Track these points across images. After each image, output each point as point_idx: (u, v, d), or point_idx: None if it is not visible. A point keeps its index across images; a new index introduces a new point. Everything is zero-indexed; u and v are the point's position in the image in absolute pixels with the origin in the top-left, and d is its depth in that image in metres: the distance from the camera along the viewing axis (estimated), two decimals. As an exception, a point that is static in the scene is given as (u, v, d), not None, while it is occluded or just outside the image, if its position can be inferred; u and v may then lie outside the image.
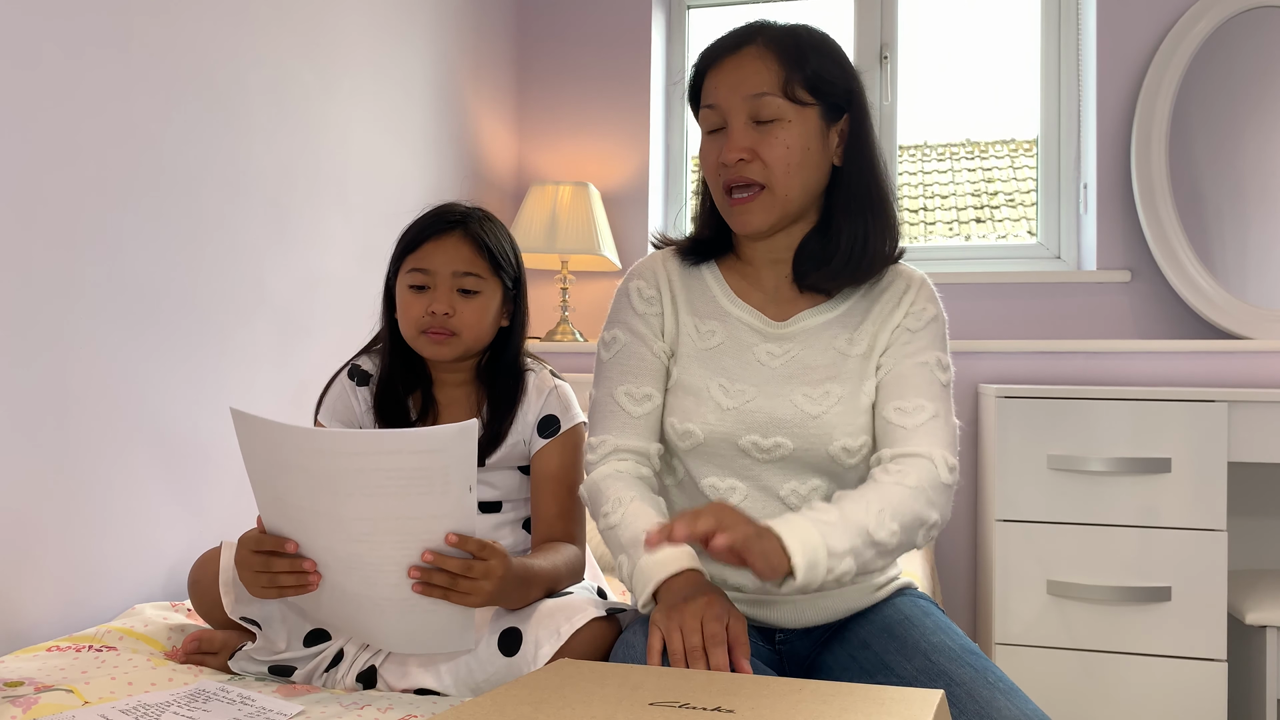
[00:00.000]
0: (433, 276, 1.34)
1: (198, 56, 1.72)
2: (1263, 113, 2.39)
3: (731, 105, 1.19)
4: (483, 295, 1.36)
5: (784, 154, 1.18)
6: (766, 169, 1.19)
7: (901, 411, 1.19)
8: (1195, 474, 1.94)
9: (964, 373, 2.48)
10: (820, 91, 1.20)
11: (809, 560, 1.02)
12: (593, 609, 1.20)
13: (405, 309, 1.36)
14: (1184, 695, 1.92)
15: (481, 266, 1.35)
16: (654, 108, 2.87)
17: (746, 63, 1.19)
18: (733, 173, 1.19)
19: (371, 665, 1.26)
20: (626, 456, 1.25)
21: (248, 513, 1.84)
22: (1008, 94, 2.83)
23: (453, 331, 1.34)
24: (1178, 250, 2.38)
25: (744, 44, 1.21)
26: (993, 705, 1.03)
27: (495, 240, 1.37)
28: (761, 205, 1.20)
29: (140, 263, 1.61)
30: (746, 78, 1.19)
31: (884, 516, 1.09)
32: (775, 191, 1.19)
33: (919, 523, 1.12)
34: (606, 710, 0.82)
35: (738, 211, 1.21)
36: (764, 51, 1.19)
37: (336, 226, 2.10)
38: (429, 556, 1.09)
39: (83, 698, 1.15)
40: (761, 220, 1.21)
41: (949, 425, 1.20)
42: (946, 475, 1.16)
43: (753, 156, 1.19)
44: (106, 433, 1.55)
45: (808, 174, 1.21)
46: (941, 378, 1.22)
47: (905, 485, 1.12)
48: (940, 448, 1.17)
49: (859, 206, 1.23)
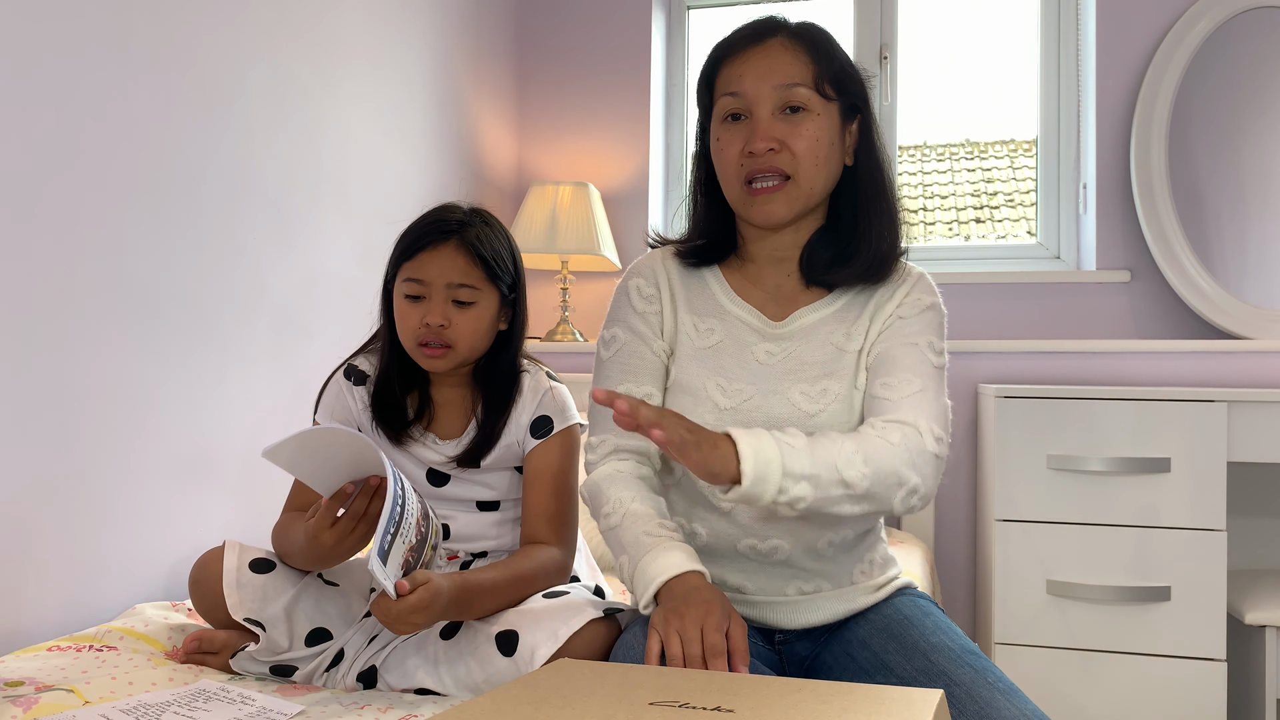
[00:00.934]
0: (427, 287, 1.33)
1: (198, 56, 1.72)
2: (1263, 113, 2.39)
3: (760, 94, 1.19)
4: (478, 306, 1.35)
5: (812, 146, 1.18)
6: (795, 159, 1.18)
7: (888, 386, 1.18)
8: (1195, 474, 1.94)
9: (964, 373, 2.49)
10: (844, 89, 1.21)
11: (759, 472, 1.01)
12: (591, 609, 1.20)
13: (401, 319, 1.36)
14: (1184, 695, 1.92)
15: (476, 277, 1.34)
16: (654, 108, 2.87)
17: (776, 53, 1.19)
18: (762, 162, 1.18)
19: (372, 665, 1.26)
20: (627, 456, 1.24)
21: (248, 513, 1.85)
22: (1008, 94, 2.83)
23: (448, 344, 1.34)
24: (1177, 250, 2.38)
25: (769, 35, 1.21)
26: (992, 706, 1.03)
27: (491, 248, 1.35)
28: (786, 196, 1.19)
29: (140, 263, 1.61)
30: (777, 67, 1.18)
31: (856, 458, 1.07)
32: (800, 183, 1.19)
33: (896, 479, 1.09)
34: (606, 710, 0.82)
35: (760, 202, 1.20)
36: (792, 43, 1.20)
37: (336, 226, 2.10)
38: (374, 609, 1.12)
39: (83, 698, 1.15)
40: (785, 211, 1.20)
41: (939, 403, 1.18)
42: (933, 444, 1.13)
43: (781, 147, 1.18)
44: (107, 432, 1.55)
45: (829, 169, 1.21)
46: (934, 360, 1.20)
47: (888, 440, 1.11)
48: (926, 418, 1.15)
49: (873, 205, 1.23)
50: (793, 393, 1.21)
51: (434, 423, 1.41)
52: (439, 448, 1.40)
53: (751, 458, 1.01)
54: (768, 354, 1.24)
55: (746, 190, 1.21)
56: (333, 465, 1.17)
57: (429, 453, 1.40)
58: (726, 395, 1.22)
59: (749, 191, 1.20)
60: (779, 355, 1.24)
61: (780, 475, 1.02)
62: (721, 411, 1.21)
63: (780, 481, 1.03)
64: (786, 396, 1.21)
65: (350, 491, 1.19)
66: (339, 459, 1.16)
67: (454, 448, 1.39)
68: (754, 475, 1.01)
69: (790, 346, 1.24)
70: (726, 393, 1.22)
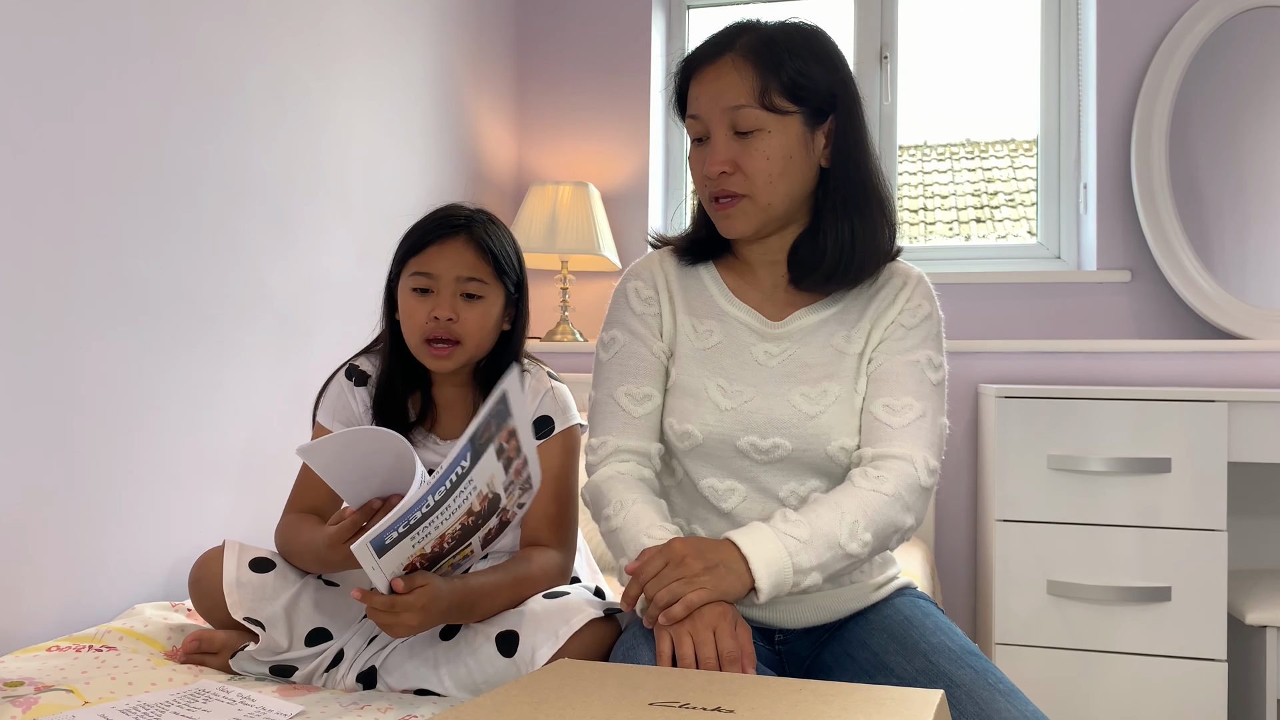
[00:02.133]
0: (436, 280, 1.34)
1: (198, 56, 1.72)
2: (1263, 113, 2.39)
3: (712, 116, 1.19)
4: (486, 300, 1.36)
5: (765, 165, 1.18)
6: (748, 180, 1.19)
7: (889, 409, 1.19)
8: (1195, 474, 1.94)
9: (964, 373, 2.48)
10: (800, 97, 1.18)
11: (774, 582, 1.07)
12: (590, 610, 1.20)
13: (408, 313, 1.35)
14: (1184, 695, 1.92)
15: (485, 271, 1.35)
16: (654, 108, 2.87)
17: (724, 74, 1.19)
18: (715, 185, 1.20)
19: (372, 666, 1.26)
20: (628, 458, 1.24)
21: (248, 513, 1.85)
22: (1008, 94, 2.83)
23: (456, 340, 1.34)
24: (1178, 250, 2.38)
25: (722, 52, 1.20)
26: (992, 706, 1.03)
27: (499, 244, 1.37)
28: (742, 211, 1.21)
29: (140, 263, 1.61)
30: (724, 90, 1.18)
31: (857, 528, 1.11)
32: (757, 200, 1.20)
33: (893, 529, 1.14)
34: (606, 710, 0.82)
35: (721, 217, 1.22)
36: (740, 61, 1.18)
37: (336, 226, 2.10)
38: (357, 594, 1.11)
39: (83, 698, 1.15)
40: (744, 226, 1.21)
41: (935, 426, 1.20)
42: (926, 478, 1.17)
43: (734, 169, 1.19)
44: (106, 433, 1.55)
45: (791, 182, 1.20)
46: (932, 377, 1.22)
47: (883, 493, 1.13)
48: (922, 449, 1.17)
49: (846, 209, 1.22)
50: (793, 394, 1.21)
51: (436, 424, 1.41)
52: (440, 448, 1.40)
53: (765, 574, 1.07)
54: (767, 354, 1.24)
55: (713, 205, 1.23)
56: (366, 473, 1.15)
57: (430, 454, 1.40)
58: (727, 396, 1.22)
59: (714, 205, 1.23)
60: (778, 356, 1.24)
61: (792, 575, 1.08)
62: (722, 412, 1.21)
63: (793, 579, 1.08)
64: (787, 398, 1.21)
65: (377, 508, 1.18)
66: (376, 467, 1.14)
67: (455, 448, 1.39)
68: (771, 587, 1.07)
69: (789, 347, 1.24)
70: (727, 394, 1.22)
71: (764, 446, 1.20)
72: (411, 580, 1.11)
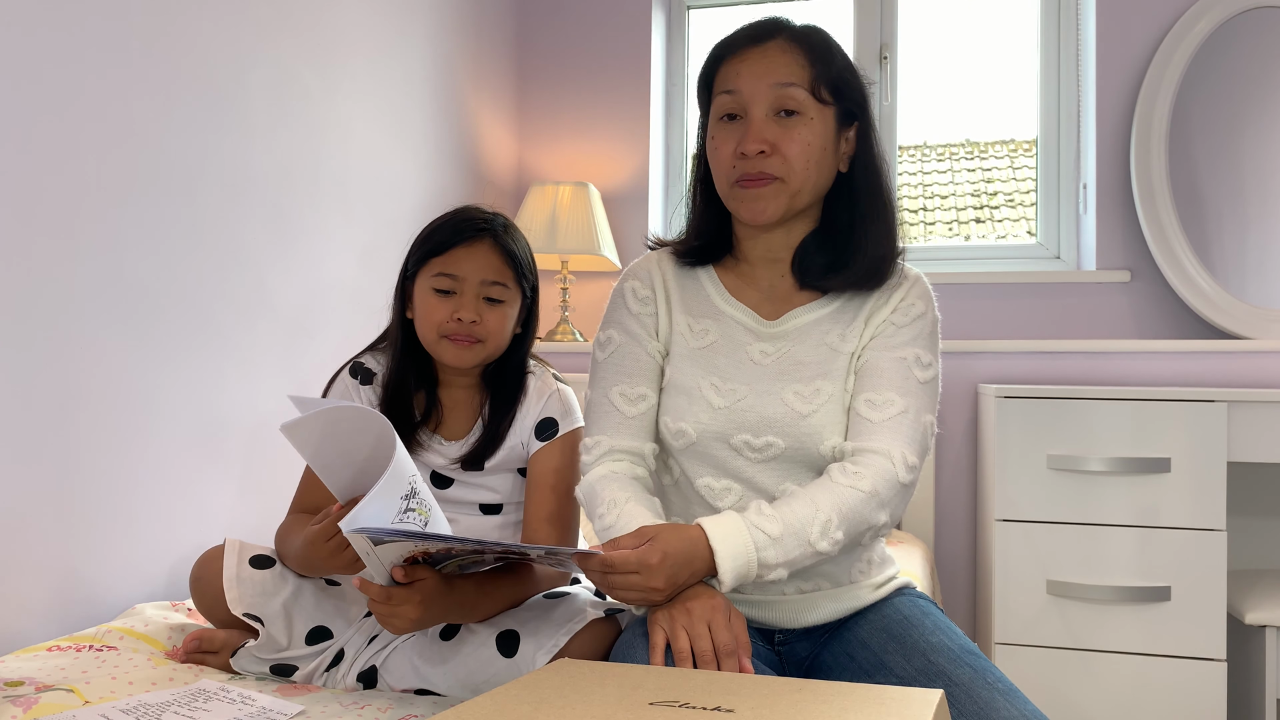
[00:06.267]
0: (461, 283, 1.34)
1: (198, 56, 1.72)
2: (1263, 113, 2.39)
3: (756, 93, 1.19)
4: (506, 304, 1.36)
5: (803, 150, 1.19)
6: (786, 163, 1.19)
7: (871, 404, 1.19)
8: (1195, 474, 1.94)
9: (964, 373, 2.49)
10: (841, 94, 1.21)
11: (738, 575, 1.07)
12: (591, 610, 1.20)
13: (428, 312, 1.35)
14: (1184, 695, 1.92)
15: (508, 276, 1.35)
16: (654, 108, 2.87)
17: (774, 54, 1.20)
18: (751, 165, 1.19)
19: (372, 665, 1.26)
20: (621, 457, 1.24)
21: (248, 512, 1.85)
22: (1007, 94, 2.83)
23: (479, 339, 1.34)
24: (1177, 250, 2.38)
25: (769, 36, 1.21)
26: (992, 706, 1.03)
27: (521, 249, 1.38)
28: (774, 194, 1.20)
29: (140, 263, 1.61)
30: (775, 67, 1.19)
31: (830, 526, 1.10)
32: (789, 185, 1.20)
33: (866, 527, 1.14)
34: (606, 710, 0.82)
35: (749, 197, 1.20)
36: (791, 45, 1.20)
37: (337, 227, 2.10)
38: (357, 583, 1.10)
39: (83, 697, 1.15)
40: (773, 210, 1.20)
41: (918, 423, 1.19)
42: (904, 475, 1.15)
43: (772, 150, 1.18)
44: (107, 433, 1.55)
45: (821, 173, 1.21)
46: (920, 375, 1.21)
47: (859, 490, 1.13)
48: (902, 445, 1.16)
49: (872, 214, 1.23)
50: (786, 393, 1.21)
51: (441, 424, 1.41)
52: (443, 449, 1.40)
53: (729, 569, 1.07)
54: (762, 353, 1.24)
55: (737, 185, 1.21)
56: (347, 454, 1.14)
57: (433, 456, 1.39)
58: (721, 394, 1.22)
59: (739, 185, 1.21)
60: (773, 355, 1.24)
61: (756, 569, 1.08)
62: (715, 410, 1.21)
63: (757, 572, 1.08)
64: (780, 397, 1.21)
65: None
66: (357, 447, 1.13)
67: (458, 448, 1.39)
68: (732, 581, 1.07)
69: (785, 346, 1.24)
70: (721, 392, 1.22)
71: (757, 445, 1.20)
72: (412, 572, 1.10)
